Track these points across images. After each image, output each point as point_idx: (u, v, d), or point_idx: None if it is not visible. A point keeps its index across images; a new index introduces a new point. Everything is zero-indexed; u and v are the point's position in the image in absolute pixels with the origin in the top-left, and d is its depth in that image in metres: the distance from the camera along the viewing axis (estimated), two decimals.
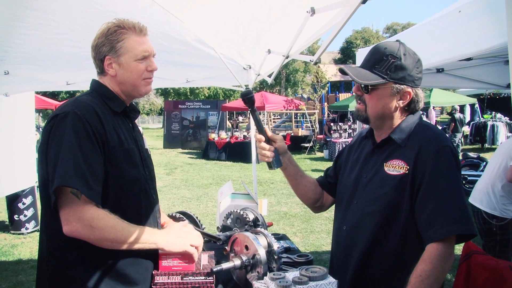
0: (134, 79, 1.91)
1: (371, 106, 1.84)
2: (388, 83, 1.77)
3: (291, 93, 43.51)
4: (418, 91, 1.83)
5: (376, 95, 1.81)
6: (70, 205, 1.63)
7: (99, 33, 1.88)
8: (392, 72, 1.76)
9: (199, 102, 24.38)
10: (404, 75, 1.76)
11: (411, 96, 1.80)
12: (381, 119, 1.87)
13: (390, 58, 1.76)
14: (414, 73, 1.78)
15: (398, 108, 1.83)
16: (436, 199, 1.66)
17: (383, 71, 1.77)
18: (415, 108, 1.86)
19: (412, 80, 1.79)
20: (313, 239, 7.07)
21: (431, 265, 1.60)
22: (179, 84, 5.06)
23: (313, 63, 2.24)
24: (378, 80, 1.77)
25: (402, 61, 1.75)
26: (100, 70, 1.92)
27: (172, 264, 1.88)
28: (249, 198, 3.14)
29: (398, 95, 1.80)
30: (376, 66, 1.79)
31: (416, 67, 1.80)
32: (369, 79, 1.78)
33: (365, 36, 57.47)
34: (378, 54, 1.81)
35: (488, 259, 2.98)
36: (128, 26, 1.88)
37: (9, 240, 7.06)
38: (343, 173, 2.10)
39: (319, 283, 1.59)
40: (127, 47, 1.86)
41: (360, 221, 1.86)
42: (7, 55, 3.54)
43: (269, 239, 1.93)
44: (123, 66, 1.88)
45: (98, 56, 1.88)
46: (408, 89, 1.79)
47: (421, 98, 1.85)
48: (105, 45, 1.85)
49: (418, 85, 1.81)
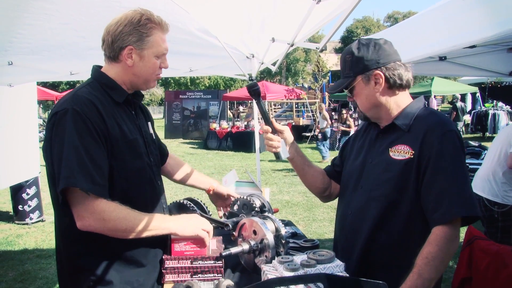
0: (149, 74, 1.92)
1: (359, 103, 1.96)
2: (356, 78, 1.88)
3: (292, 83, 43.43)
4: (390, 66, 1.85)
5: (357, 93, 1.93)
6: (81, 202, 1.67)
7: (124, 19, 1.83)
8: (354, 67, 1.88)
9: (200, 92, 24.36)
10: (363, 64, 1.86)
11: (383, 75, 1.84)
12: (373, 110, 1.93)
13: (347, 58, 1.92)
14: (372, 56, 1.85)
15: (379, 92, 1.87)
16: (442, 182, 1.69)
17: (347, 72, 1.92)
18: (397, 83, 1.86)
19: (374, 63, 1.85)
20: (315, 227, 7.12)
21: (437, 247, 1.63)
22: (182, 73, 5.06)
23: (319, 51, 2.25)
24: (346, 81, 1.92)
25: (356, 54, 1.87)
26: (114, 56, 1.87)
27: (185, 249, 1.92)
28: (254, 186, 3.17)
29: (371, 81, 1.86)
30: (344, 71, 1.95)
31: (374, 50, 1.86)
32: (339, 85, 1.96)
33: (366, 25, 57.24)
34: (342, 61, 1.98)
35: (490, 244, 3.02)
36: (157, 21, 1.88)
37: (14, 230, 7.12)
38: (348, 160, 2.13)
39: (326, 266, 1.62)
40: (152, 43, 1.86)
41: (365, 205, 1.89)
42: (12, 46, 3.54)
43: (276, 224, 1.96)
44: (144, 59, 1.87)
45: (119, 43, 1.83)
46: (375, 71, 1.84)
47: (400, 70, 1.86)
48: (133, 34, 1.82)
49: (384, 62, 1.84)
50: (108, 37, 1.85)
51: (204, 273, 1.90)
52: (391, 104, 1.90)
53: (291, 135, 2.13)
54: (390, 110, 1.90)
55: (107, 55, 1.90)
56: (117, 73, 1.90)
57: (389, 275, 1.78)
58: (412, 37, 3.63)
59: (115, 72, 1.90)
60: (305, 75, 45.95)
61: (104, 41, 1.88)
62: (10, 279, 5.18)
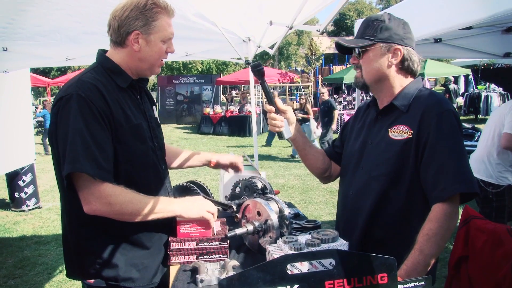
0: (155, 59, 1.92)
1: (366, 69, 1.93)
2: (377, 43, 1.87)
3: (285, 66, 43.28)
4: (410, 51, 1.89)
5: (368, 58, 1.90)
6: (87, 186, 1.68)
7: (131, 5, 1.82)
8: (378, 33, 1.86)
9: (193, 77, 24.18)
10: (390, 34, 1.85)
11: (402, 53, 1.86)
12: (378, 82, 1.93)
13: (375, 23, 1.89)
14: (400, 32, 1.87)
15: (391, 66, 1.89)
16: (440, 159, 1.73)
17: (371, 34, 1.89)
18: (410, 68, 1.90)
19: (400, 39, 1.86)
20: (311, 209, 7.19)
21: (437, 223, 1.67)
22: (179, 57, 5.05)
23: (320, 33, 2.26)
24: (364, 41, 1.89)
25: (386, 23, 1.87)
26: (120, 42, 1.86)
27: (190, 231, 1.94)
28: (253, 169, 3.19)
29: (389, 53, 1.87)
30: (365, 33, 1.91)
31: (403, 28, 1.88)
32: (358, 43, 1.91)
33: (358, 8, 56.94)
34: (366, 23, 1.94)
35: (487, 223, 3.07)
36: (162, 6, 1.87)
37: (11, 218, 7.14)
38: (348, 141, 2.16)
39: (331, 245, 1.65)
40: (159, 27, 1.86)
41: (366, 185, 1.93)
42: (6, 32, 3.51)
43: (280, 204, 1.99)
44: (150, 44, 1.86)
45: (126, 28, 1.82)
46: (397, 46, 1.86)
47: (415, 59, 1.90)
48: (139, 19, 1.81)
49: (408, 44, 1.88)
50: (114, 22, 1.84)
51: (210, 254, 1.93)
52: (395, 83, 1.92)
53: (293, 115, 2.14)
54: (393, 88, 1.92)
55: (113, 40, 1.89)
56: (123, 58, 1.90)
57: (391, 253, 1.82)
58: (407, 19, 3.63)
59: (120, 57, 1.90)
60: (298, 58, 45.79)
61: (110, 26, 1.87)
62: (10, 265, 5.21)
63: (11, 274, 4.98)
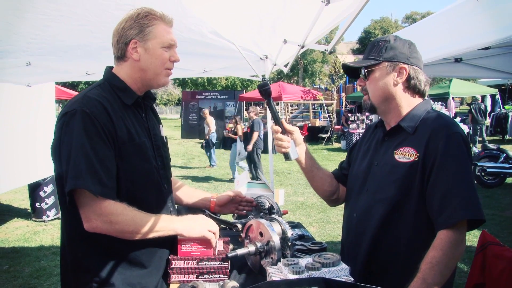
0: (157, 67, 1.90)
1: (372, 90, 1.92)
2: (382, 62, 1.86)
3: (309, 84, 43.30)
4: (417, 70, 1.87)
5: (374, 78, 1.89)
6: (88, 203, 1.68)
7: (126, 17, 1.86)
8: (384, 53, 1.86)
9: (217, 93, 24.47)
10: (395, 53, 1.85)
11: (408, 72, 1.85)
12: (385, 102, 1.91)
13: (380, 43, 1.90)
14: (406, 51, 1.86)
15: (397, 85, 1.86)
16: (446, 184, 1.68)
17: (376, 54, 1.89)
18: (416, 87, 1.88)
19: (405, 57, 1.85)
20: (329, 229, 7.09)
21: (442, 251, 1.61)
22: (196, 74, 5.10)
23: (328, 53, 2.25)
24: (370, 61, 1.89)
25: (391, 43, 1.87)
26: (122, 54, 1.88)
27: (191, 250, 1.93)
28: (266, 187, 3.17)
29: (394, 72, 1.85)
30: (370, 54, 1.91)
31: (409, 48, 1.88)
32: (364, 63, 1.91)
33: (383, 26, 56.82)
34: (372, 44, 1.95)
35: (505, 250, 2.97)
36: (158, 14, 1.89)
37: (31, 227, 7.26)
38: (354, 163, 2.12)
39: (331, 269, 1.61)
40: (155, 33, 1.86)
41: (370, 208, 1.88)
42: (30, 47, 3.61)
43: (283, 226, 1.96)
44: (149, 51, 1.86)
45: (123, 39, 1.85)
46: (402, 65, 1.84)
47: (422, 78, 1.88)
48: (134, 28, 1.83)
49: (413, 63, 1.86)
50: (114, 37, 1.88)
51: (210, 274, 1.91)
52: (402, 102, 1.89)
53: (300, 136, 2.12)
54: (400, 108, 1.89)
55: (115, 56, 1.92)
56: (127, 72, 1.91)
57: (394, 279, 1.78)
58: (426, 38, 3.60)
59: (125, 72, 1.91)
60: (322, 76, 45.78)
61: (112, 43, 1.91)
62: (26, 274, 5.28)
63: (27, 283, 5.05)
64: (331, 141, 19.88)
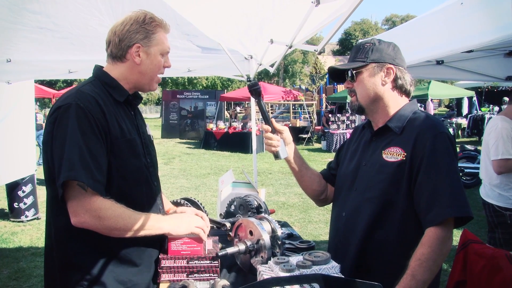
0: (154, 72, 1.95)
1: (360, 91, 1.94)
2: (369, 64, 1.90)
3: (289, 84, 43.50)
4: (402, 70, 1.92)
5: (362, 79, 1.92)
6: (77, 197, 1.67)
7: (130, 20, 1.88)
8: (370, 55, 1.90)
9: (198, 92, 24.33)
10: (381, 54, 1.90)
11: (395, 72, 1.89)
12: (373, 102, 1.94)
13: (366, 46, 1.94)
14: (391, 52, 1.91)
15: (385, 85, 1.90)
16: (433, 183, 1.71)
17: (363, 56, 1.92)
18: (403, 87, 1.93)
19: (391, 58, 1.90)
20: (311, 229, 7.13)
21: (430, 248, 1.65)
22: (181, 73, 5.09)
23: (318, 53, 2.26)
24: (357, 63, 1.92)
25: (376, 45, 1.92)
26: (121, 56, 1.90)
27: (181, 248, 1.92)
28: (250, 186, 3.18)
29: (381, 72, 1.89)
30: (356, 56, 1.95)
31: (393, 49, 1.93)
32: (351, 65, 1.94)
33: (364, 28, 57.43)
34: (356, 47, 1.99)
35: (485, 248, 3.03)
36: (159, 20, 1.93)
37: (9, 228, 7.10)
38: (343, 163, 2.15)
39: (322, 267, 1.62)
40: (158, 40, 1.91)
41: (359, 207, 1.91)
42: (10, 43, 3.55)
43: (273, 224, 1.97)
44: (150, 56, 1.91)
45: (127, 42, 1.87)
46: (389, 65, 1.89)
47: (408, 78, 1.93)
48: (140, 32, 1.87)
49: (399, 64, 1.91)
50: (115, 37, 1.88)
51: (200, 273, 1.91)
52: (390, 102, 1.92)
53: (290, 135, 2.14)
54: (388, 108, 1.93)
55: (113, 55, 1.92)
56: (122, 72, 1.92)
57: (383, 276, 1.79)
58: (410, 41, 3.64)
59: (119, 71, 1.92)
60: (302, 76, 46.00)
61: (110, 42, 1.91)
62: (5, 276, 5.17)
63: (5, 285, 4.93)
64: (311, 141, 19.99)
